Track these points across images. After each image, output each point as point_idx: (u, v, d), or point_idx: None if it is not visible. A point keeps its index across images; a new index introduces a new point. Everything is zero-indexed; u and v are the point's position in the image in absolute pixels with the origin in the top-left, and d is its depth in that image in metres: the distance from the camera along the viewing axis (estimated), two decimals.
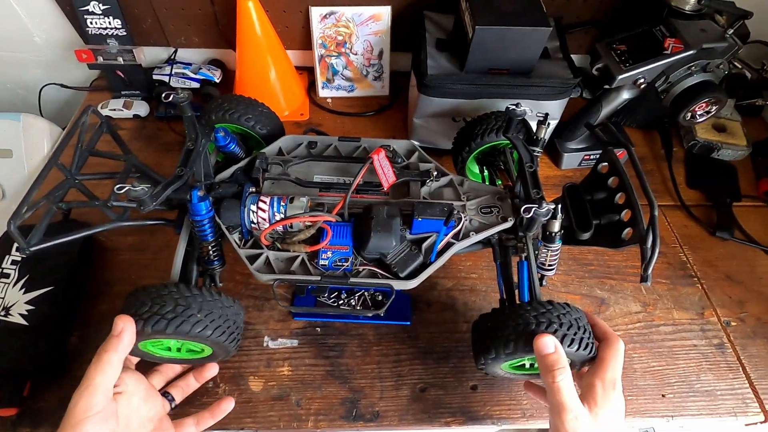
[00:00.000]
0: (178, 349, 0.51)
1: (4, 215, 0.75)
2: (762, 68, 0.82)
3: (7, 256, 0.62)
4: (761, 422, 0.59)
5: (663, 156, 0.85)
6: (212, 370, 0.56)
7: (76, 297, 0.62)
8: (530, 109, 0.58)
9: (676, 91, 0.66)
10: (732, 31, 0.64)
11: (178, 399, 0.54)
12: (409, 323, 0.63)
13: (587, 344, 0.46)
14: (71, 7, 0.78)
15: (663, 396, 0.60)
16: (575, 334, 0.45)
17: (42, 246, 0.46)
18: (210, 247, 0.52)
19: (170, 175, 0.51)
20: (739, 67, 0.73)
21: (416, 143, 0.62)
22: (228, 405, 0.54)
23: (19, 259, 0.62)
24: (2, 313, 0.57)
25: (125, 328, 0.43)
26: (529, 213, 0.48)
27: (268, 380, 0.58)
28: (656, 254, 0.44)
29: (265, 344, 0.61)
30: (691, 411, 0.59)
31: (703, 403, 0.59)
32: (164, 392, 0.53)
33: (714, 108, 0.66)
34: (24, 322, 0.56)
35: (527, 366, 0.52)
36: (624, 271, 0.71)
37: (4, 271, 0.60)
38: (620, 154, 0.53)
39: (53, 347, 0.56)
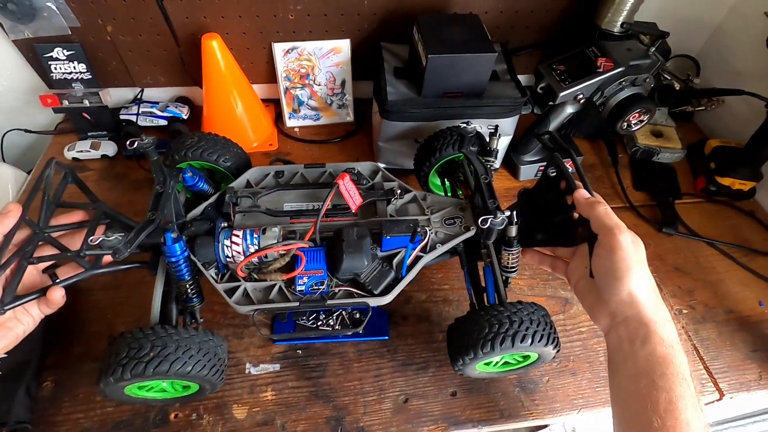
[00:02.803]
0: (173, 388, 0.52)
1: None
2: (688, 78, 0.91)
3: None
4: (717, 400, 0.64)
5: (610, 162, 0.93)
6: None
7: (49, 341, 0.61)
8: (479, 126, 0.63)
9: (611, 104, 0.73)
10: (654, 49, 0.72)
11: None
12: (387, 337, 0.65)
13: (553, 339, 0.51)
14: (34, 54, 0.79)
15: None
16: (543, 329, 0.50)
17: (15, 305, 0.46)
18: (187, 286, 0.53)
19: (143, 213, 0.52)
20: (669, 78, 0.82)
21: (380, 164, 0.65)
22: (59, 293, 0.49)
23: None
24: None
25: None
26: (486, 224, 0.52)
27: (252, 406, 0.59)
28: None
29: (247, 371, 0.62)
30: None
31: None
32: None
33: (646, 117, 0.73)
34: None
35: (499, 363, 0.56)
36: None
37: None
38: (570, 163, 0.59)
39: (29, 395, 0.55)
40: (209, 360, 0.48)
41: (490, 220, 0.51)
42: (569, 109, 0.78)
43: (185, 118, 0.90)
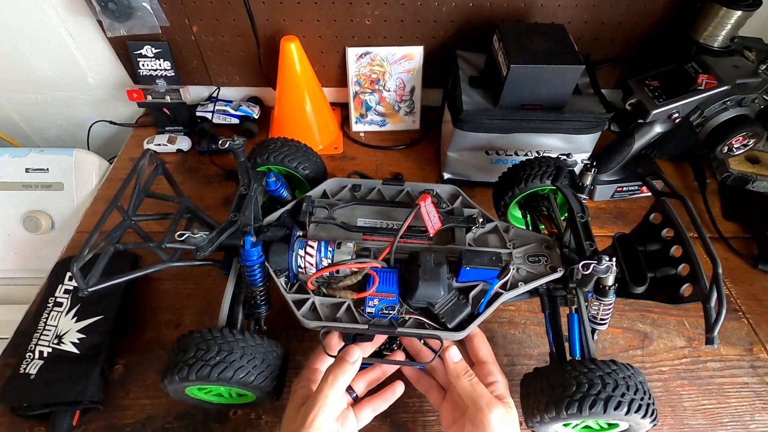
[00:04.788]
0: (230, 395, 0.52)
1: (54, 244, 0.80)
2: None
3: (60, 285, 0.64)
4: None
5: (696, 188, 0.85)
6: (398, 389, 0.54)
7: (122, 326, 0.64)
8: (579, 159, 0.58)
9: (711, 125, 0.67)
10: (765, 66, 0.65)
11: (360, 392, 0.53)
12: None
13: (652, 411, 0.44)
14: (126, 50, 0.84)
15: None
16: (641, 399, 0.44)
17: (100, 287, 0.47)
18: (258, 291, 0.53)
19: (212, 208, 0.53)
20: None
21: (460, 189, 0.62)
22: (399, 388, 0.54)
23: (71, 288, 0.64)
24: (56, 341, 0.58)
25: (359, 359, 0.48)
26: (588, 269, 0.46)
27: None
28: (723, 316, 0.43)
29: None
30: None
31: None
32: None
33: (751, 141, 0.67)
34: (76, 351, 0.58)
35: (580, 426, 0.50)
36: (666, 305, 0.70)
37: (58, 300, 0.63)
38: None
39: (103, 377, 0.57)
40: (271, 372, 0.47)
41: (593, 266, 0.46)
42: (658, 128, 0.72)
43: (256, 117, 0.92)
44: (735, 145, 0.67)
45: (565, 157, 0.56)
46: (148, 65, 0.85)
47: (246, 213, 0.53)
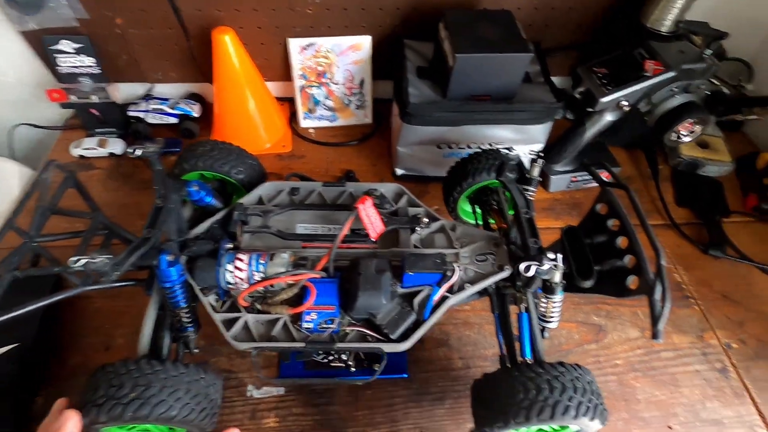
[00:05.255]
0: (159, 430, 0.46)
1: None
2: (739, 84, 0.83)
3: None
4: None
5: (649, 174, 0.85)
6: None
7: (43, 352, 0.58)
8: (526, 151, 0.56)
9: (659, 112, 0.66)
10: (710, 52, 0.64)
11: None
12: (406, 375, 0.59)
13: (601, 411, 0.43)
14: (42, 46, 0.76)
15: (669, 428, 0.57)
16: (590, 401, 0.42)
17: None
18: (183, 313, 0.48)
19: (147, 220, 0.48)
20: (717, 84, 0.74)
21: (404, 188, 0.58)
22: None
23: None
24: None
25: (67, 419, 0.39)
26: (530, 271, 0.45)
27: None
28: (667, 309, 0.41)
29: (248, 394, 0.57)
30: None
31: None
32: None
33: (699, 127, 0.66)
34: None
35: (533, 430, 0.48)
36: None
37: None
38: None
39: (17, 411, 0.52)
40: (198, 403, 0.43)
41: (534, 267, 0.44)
42: (609, 117, 0.71)
43: (197, 116, 0.86)
44: (683, 132, 0.66)
45: (507, 150, 0.54)
46: (68, 62, 0.77)
47: (164, 228, 0.48)
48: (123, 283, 0.51)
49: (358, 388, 0.58)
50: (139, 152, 0.50)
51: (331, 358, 0.58)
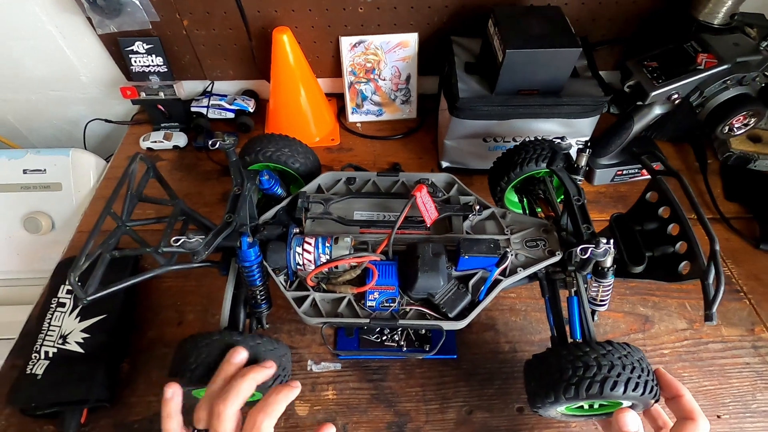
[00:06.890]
0: None
1: (55, 245, 0.80)
2: None
3: (62, 286, 0.64)
4: None
5: (697, 168, 0.85)
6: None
7: (126, 324, 0.64)
8: (574, 142, 0.57)
9: (711, 106, 0.66)
10: (766, 43, 0.64)
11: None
12: (455, 356, 0.62)
13: (651, 387, 0.44)
14: (117, 47, 0.83)
15: (718, 417, 0.58)
16: (639, 377, 0.44)
17: (98, 295, 0.46)
18: (258, 291, 0.53)
19: (211, 205, 0.52)
20: None
21: (455, 177, 0.61)
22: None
23: None
24: (60, 341, 0.59)
25: (174, 393, 0.45)
26: (586, 253, 0.46)
27: (314, 404, 0.59)
28: (721, 292, 0.42)
29: (308, 368, 0.62)
30: None
31: (762, 425, 0.57)
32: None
33: (752, 120, 0.65)
34: (80, 350, 0.58)
35: (585, 407, 0.50)
36: (666, 287, 0.69)
37: (61, 300, 0.63)
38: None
39: (108, 375, 0.58)
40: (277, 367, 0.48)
41: (591, 250, 0.46)
42: (657, 110, 0.71)
43: (251, 111, 0.91)
44: (736, 125, 0.66)
45: (559, 140, 0.55)
46: (140, 61, 0.84)
47: (241, 213, 0.52)
48: (200, 264, 0.55)
49: (411, 367, 0.62)
50: (217, 144, 0.54)
51: (384, 337, 0.62)
